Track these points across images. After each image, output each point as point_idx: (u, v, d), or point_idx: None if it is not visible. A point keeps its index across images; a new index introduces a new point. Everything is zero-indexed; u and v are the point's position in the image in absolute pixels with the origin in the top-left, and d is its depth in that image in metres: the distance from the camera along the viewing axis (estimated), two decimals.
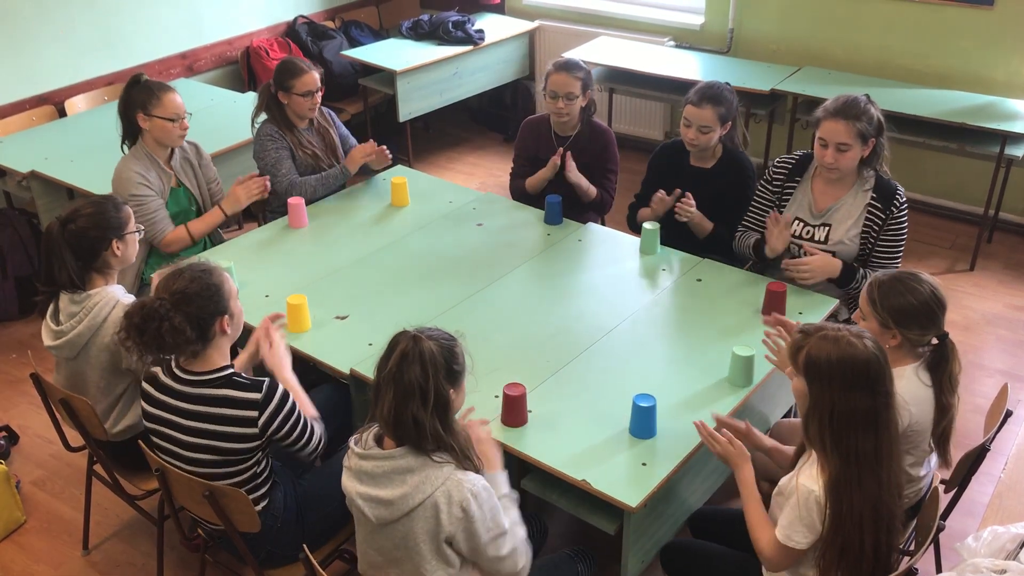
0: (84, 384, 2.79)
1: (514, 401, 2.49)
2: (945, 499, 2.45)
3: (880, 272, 2.47)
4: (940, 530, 2.22)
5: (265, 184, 3.58)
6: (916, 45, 4.90)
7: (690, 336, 2.91)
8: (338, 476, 2.21)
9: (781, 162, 3.25)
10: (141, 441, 2.48)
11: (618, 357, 2.81)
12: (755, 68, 5.16)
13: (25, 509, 3.31)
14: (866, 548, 2.02)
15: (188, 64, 5.49)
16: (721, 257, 3.35)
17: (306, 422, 2.42)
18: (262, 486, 2.43)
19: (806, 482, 2.06)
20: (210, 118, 4.56)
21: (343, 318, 3.01)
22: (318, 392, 2.82)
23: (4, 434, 3.61)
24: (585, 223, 3.60)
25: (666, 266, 3.28)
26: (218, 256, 3.30)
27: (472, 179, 5.72)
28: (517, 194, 3.87)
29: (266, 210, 3.91)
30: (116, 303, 2.70)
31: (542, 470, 2.40)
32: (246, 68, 5.70)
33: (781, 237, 3.11)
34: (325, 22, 6.09)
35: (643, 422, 2.43)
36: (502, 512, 2.09)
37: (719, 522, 2.59)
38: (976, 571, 1.90)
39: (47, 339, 2.77)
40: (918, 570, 2.05)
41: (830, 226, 3.10)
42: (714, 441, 2.30)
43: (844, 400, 2.00)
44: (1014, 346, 4.10)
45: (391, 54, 5.57)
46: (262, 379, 2.35)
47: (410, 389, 2.01)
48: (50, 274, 2.73)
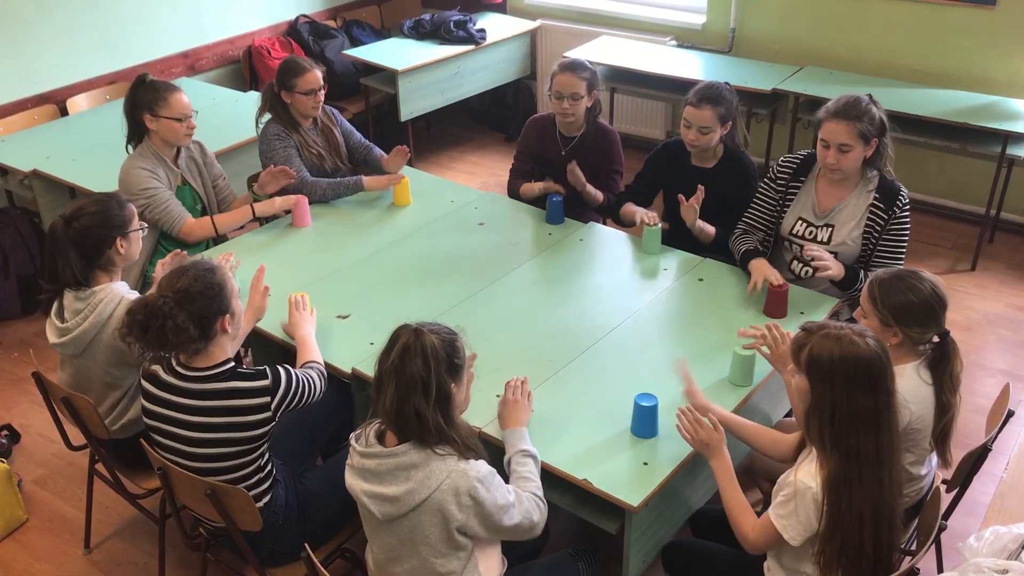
0: (89, 381, 2.80)
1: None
2: (947, 499, 2.45)
3: (881, 270, 2.47)
4: (942, 530, 2.21)
5: (287, 171, 3.56)
6: (918, 45, 4.90)
7: (691, 336, 2.91)
8: (340, 475, 2.22)
9: (786, 161, 3.24)
10: (143, 439, 2.48)
11: (619, 357, 2.81)
12: (757, 68, 5.17)
13: (27, 508, 3.31)
14: (866, 547, 2.02)
15: (190, 63, 5.50)
16: (722, 257, 3.34)
17: (308, 383, 2.45)
18: (264, 482, 2.44)
19: (804, 478, 2.06)
20: (212, 117, 4.56)
21: (344, 317, 3.01)
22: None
23: (6, 433, 3.62)
24: (587, 222, 3.60)
25: (667, 266, 3.28)
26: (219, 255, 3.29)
27: (473, 178, 5.72)
28: (513, 191, 3.85)
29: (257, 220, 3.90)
30: (121, 300, 2.71)
31: (543, 469, 2.39)
32: (248, 67, 5.70)
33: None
34: (327, 21, 6.09)
35: (645, 422, 2.44)
36: (505, 486, 2.13)
37: (720, 522, 2.57)
38: (978, 571, 1.90)
39: (52, 337, 2.77)
40: (920, 570, 2.05)
41: (833, 227, 3.10)
42: (699, 427, 2.32)
43: (846, 399, 2.00)
44: (1016, 346, 4.10)
45: (393, 53, 5.57)
46: (262, 367, 2.38)
47: (412, 382, 2.02)
48: (54, 272, 2.73)
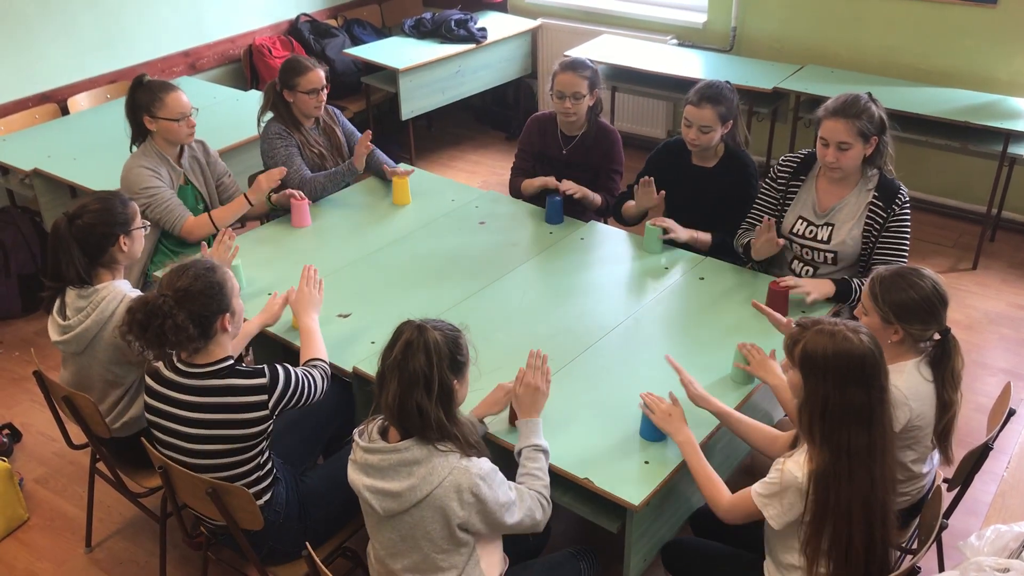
0: (90, 379, 2.80)
1: None
2: (948, 498, 2.44)
3: (882, 267, 2.47)
4: (943, 529, 2.22)
5: (283, 170, 3.57)
6: (919, 43, 4.90)
7: (692, 334, 2.91)
8: (341, 474, 2.22)
9: (786, 160, 3.24)
10: (144, 438, 2.49)
11: (620, 355, 2.81)
12: (758, 66, 5.16)
13: (28, 507, 3.32)
14: (855, 543, 2.02)
15: (191, 62, 5.50)
16: (723, 256, 3.34)
17: (308, 382, 2.44)
18: (264, 480, 2.44)
19: (792, 468, 2.07)
20: (213, 116, 4.55)
21: (345, 316, 3.01)
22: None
23: (7, 431, 3.62)
24: (588, 221, 3.60)
25: (668, 264, 3.28)
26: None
27: (474, 177, 5.72)
28: (515, 190, 3.85)
29: (271, 213, 3.91)
30: (123, 297, 2.71)
31: None
32: (249, 66, 5.70)
33: (765, 247, 3.07)
34: (328, 20, 6.09)
35: (655, 424, 2.41)
36: (507, 483, 2.13)
37: (721, 521, 2.58)
38: (979, 570, 1.90)
39: (54, 334, 2.77)
40: (920, 568, 2.05)
41: (833, 226, 3.09)
42: (657, 402, 2.37)
43: (839, 394, 2.00)
44: (1017, 345, 4.09)
45: (393, 52, 5.57)
46: (260, 365, 2.38)
47: (414, 378, 2.02)
48: (57, 270, 2.73)
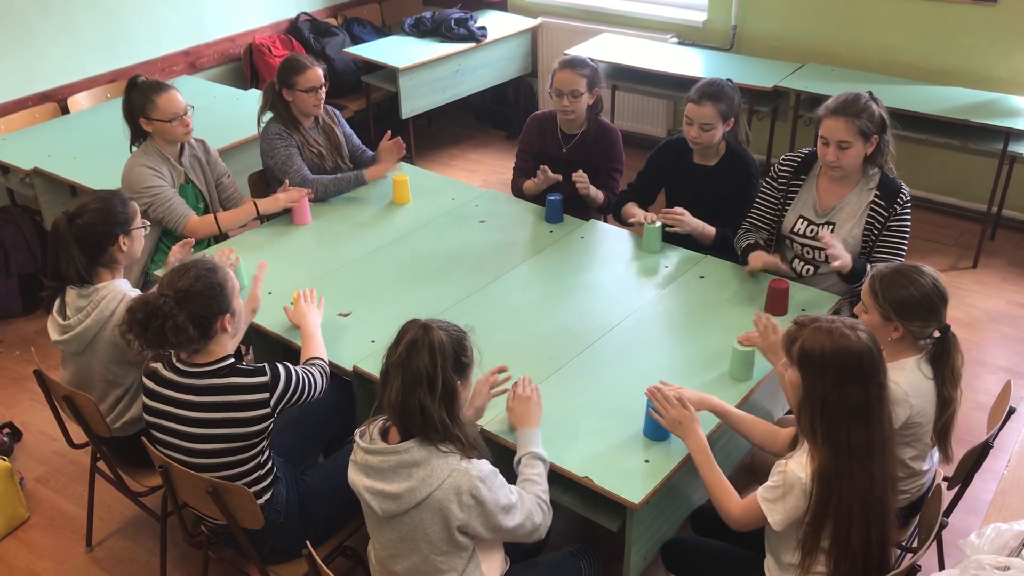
0: (91, 379, 2.80)
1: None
2: (948, 496, 2.44)
3: (882, 265, 2.47)
4: (943, 527, 2.22)
5: (308, 193, 3.59)
6: (919, 42, 4.90)
7: (692, 333, 2.91)
8: (342, 473, 2.22)
9: (787, 159, 3.24)
10: (144, 437, 2.49)
11: (620, 354, 2.81)
12: (758, 65, 5.16)
13: (29, 506, 3.32)
14: (853, 540, 2.02)
15: (191, 61, 5.49)
16: (723, 255, 3.34)
17: (308, 380, 2.45)
18: (264, 479, 2.44)
19: (795, 468, 2.07)
20: (213, 116, 4.56)
21: (345, 315, 3.02)
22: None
23: (8, 431, 3.62)
24: (588, 220, 3.60)
25: (668, 263, 3.28)
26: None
27: (475, 176, 5.72)
28: (518, 191, 3.85)
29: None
30: (123, 297, 2.71)
31: None
32: (249, 65, 5.70)
33: (759, 259, 3.10)
34: (327, 19, 6.09)
35: (658, 424, 2.39)
36: (508, 486, 2.12)
37: (721, 519, 2.58)
38: (979, 568, 1.90)
39: (54, 334, 2.77)
40: (921, 567, 2.05)
41: (834, 224, 3.09)
42: (668, 405, 2.32)
43: (837, 391, 2.00)
44: (1017, 343, 4.09)
45: (393, 51, 5.57)
46: (261, 364, 2.38)
47: (418, 376, 2.02)
48: (57, 269, 2.73)
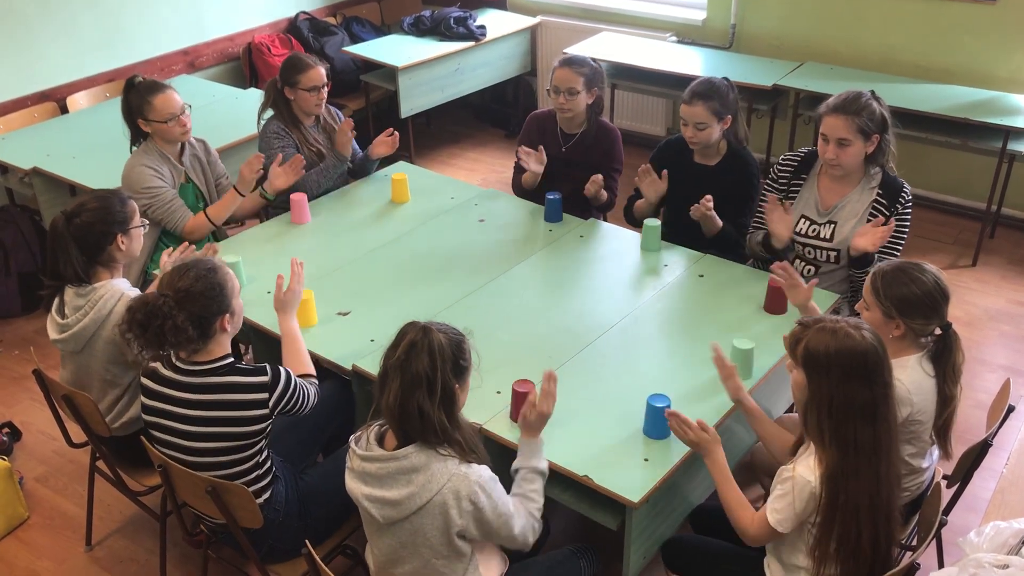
0: (90, 378, 2.80)
1: (524, 398, 2.48)
2: (947, 494, 2.44)
3: (883, 262, 2.47)
4: (942, 525, 2.22)
5: (260, 156, 3.57)
6: (919, 40, 4.89)
7: (692, 331, 2.91)
8: (341, 472, 2.21)
9: (787, 159, 3.24)
10: (143, 437, 2.49)
11: (620, 353, 2.81)
12: (757, 64, 5.16)
13: (28, 505, 3.32)
14: (863, 541, 2.02)
15: (190, 60, 5.49)
16: (723, 253, 3.34)
17: (304, 391, 2.46)
18: (263, 478, 2.44)
19: (804, 472, 2.06)
20: (212, 115, 4.56)
21: (345, 314, 3.01)
22: (320, 388, 2.82)
23: (7, 430, 3.61)
24: (588, 218, 3.60)
25: (668, 262, 3.28)
26: (223, 252, 3.29)
27: (474, 175, 5.72)
28: (519, 187, 3.85)
29: (269, 206, 3.91)
30: (121, 296, 2.71)
31: None
32: (248, 64, 5.70)
33: (782, 221, 3.08)
34: (327, 18, 6.09)
35: (658, 422, 2.41)
36: (507, 495, 2.12)
37: (721, 518, 2.57)
38: (978, 566, 1.90)
39: (53, 333, 2.77)
40: (920, 565, 2.05)
41: (836, 224, 3.09)
42: (688, 428, 2.31)
43: (842, 391, 2.00)
44: (1017, 341, 4.09)
45: (393, 50, 5.56)
46: (262, 364, 2.38)
47: (417, 379, 2.01)
48: (55, 268, 2.73)
